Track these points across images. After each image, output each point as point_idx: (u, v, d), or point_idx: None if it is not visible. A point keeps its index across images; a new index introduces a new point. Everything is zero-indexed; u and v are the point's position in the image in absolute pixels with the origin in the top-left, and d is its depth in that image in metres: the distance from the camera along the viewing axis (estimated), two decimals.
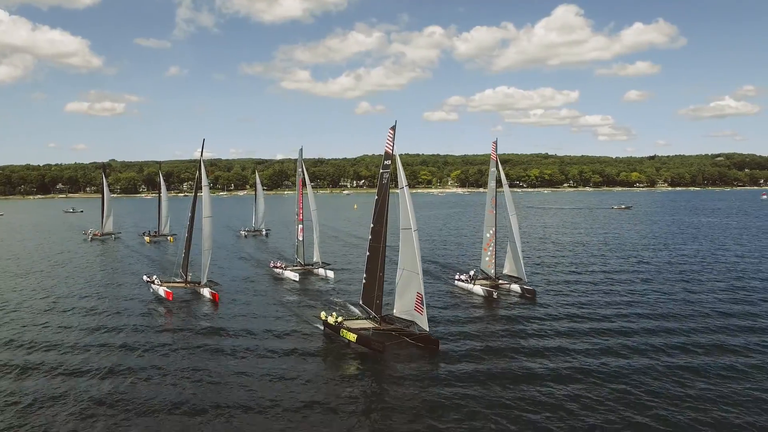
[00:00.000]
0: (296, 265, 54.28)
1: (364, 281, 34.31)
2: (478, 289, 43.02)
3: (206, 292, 42.74)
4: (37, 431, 20.91)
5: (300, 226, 55.59)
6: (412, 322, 31.26)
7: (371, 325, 32.24)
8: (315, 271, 53.35)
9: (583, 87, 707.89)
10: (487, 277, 45.99)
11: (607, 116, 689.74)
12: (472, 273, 45.97)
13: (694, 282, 47.07)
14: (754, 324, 34.03)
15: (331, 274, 51.55)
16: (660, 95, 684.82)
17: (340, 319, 32.61)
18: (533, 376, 25.91)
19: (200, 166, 45.72)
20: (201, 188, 45.28)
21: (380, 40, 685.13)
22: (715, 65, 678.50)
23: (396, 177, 30.78)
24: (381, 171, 32.85)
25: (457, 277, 46.58)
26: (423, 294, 30.34)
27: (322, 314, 33.65)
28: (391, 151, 31.72)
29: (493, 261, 45.99)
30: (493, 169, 45.57)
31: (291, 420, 21.73)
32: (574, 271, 53.36)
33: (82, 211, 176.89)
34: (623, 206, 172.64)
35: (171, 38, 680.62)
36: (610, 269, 54.21)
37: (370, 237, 33.55)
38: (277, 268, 53.44)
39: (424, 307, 30.26)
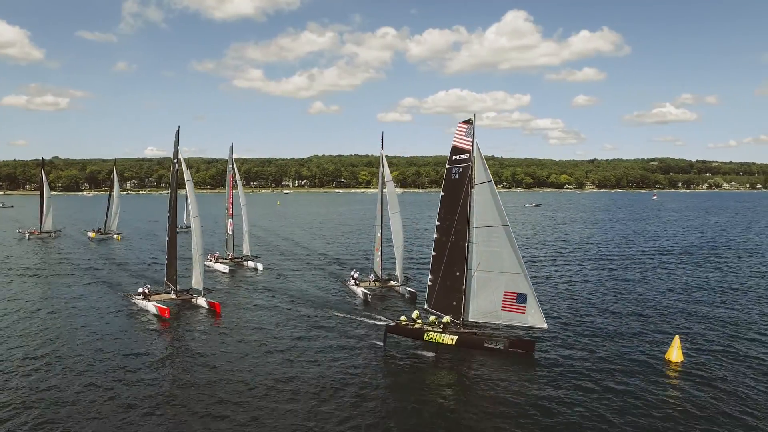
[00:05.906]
0: (226, 258, 56.50)
1: (429, 283, 32.19)
2: (359, 291, 41.51)
3: (203, 302, 38.33)
4: None
5: (230, 220, 57.89)
6: (496, 326, 30.07)
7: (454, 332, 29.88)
8: (244, 263, 55.30)
9: (534, 91, 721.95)
10: (377, 279, 44.42)
11: (557, 120, 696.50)
12: (356, 274, 44.25)
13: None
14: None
15: (260, 266, 53.57)
16: (606, 101, 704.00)
17: (441, 321, 30.18)
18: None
19: (178, 156, 40.22)
20: (180, 185, 40.90)
21: (333, 40, 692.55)
22: (657, 74, 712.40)
23: (476, 172, 29.77)
24: (448, 167, 31.52)
25: (351, 274, 45.08)
26: (526, 291, 28.57)
27: (403, 318, 30.92)
28: (470, 147, 30.06)
29: (381, 262, 44.90)
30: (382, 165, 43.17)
31: None
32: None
33: (12, 206, 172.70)
34: (534, 204, 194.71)
35: (117, 32, 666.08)
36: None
37: (436, 235, 31.67)
38: (208, 260, 54.47)
39: (527, 305, 28.59)
